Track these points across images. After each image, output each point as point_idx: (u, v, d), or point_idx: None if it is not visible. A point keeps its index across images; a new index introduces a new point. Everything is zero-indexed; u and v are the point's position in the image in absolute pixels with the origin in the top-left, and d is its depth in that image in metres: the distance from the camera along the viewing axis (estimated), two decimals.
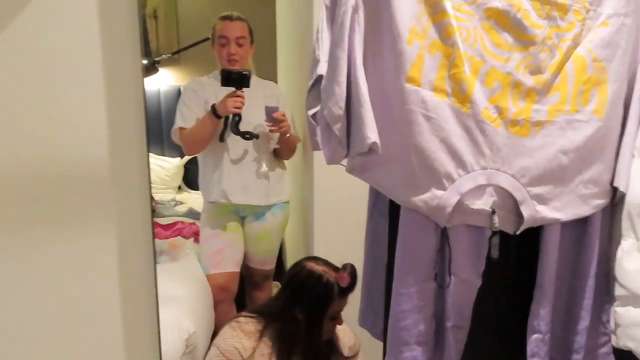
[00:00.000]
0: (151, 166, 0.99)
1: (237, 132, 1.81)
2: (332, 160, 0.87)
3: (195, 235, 2.52)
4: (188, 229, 2.65)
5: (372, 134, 0.80)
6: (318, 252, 1.74)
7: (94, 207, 0.93)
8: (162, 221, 2.68)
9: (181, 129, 1.88)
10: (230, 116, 1.80)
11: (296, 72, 2.39)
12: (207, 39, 2.29)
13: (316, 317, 1.36)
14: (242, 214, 2.02)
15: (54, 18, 0.86)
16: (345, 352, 1.50)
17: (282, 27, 2.89)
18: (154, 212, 2.12)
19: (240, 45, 1.91)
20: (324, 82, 0.85)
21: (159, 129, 3.55)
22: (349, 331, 1.51)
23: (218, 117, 1.80)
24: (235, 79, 1.78)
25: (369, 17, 0.82)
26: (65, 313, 0.95)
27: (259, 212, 1.99)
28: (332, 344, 1.47)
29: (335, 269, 1.36)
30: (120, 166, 0.94)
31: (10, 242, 0.91)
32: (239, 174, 1.91)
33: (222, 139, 1.86)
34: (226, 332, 1.43)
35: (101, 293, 0.97)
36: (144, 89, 0.92)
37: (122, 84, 0.90)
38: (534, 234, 0.93)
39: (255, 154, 1.92)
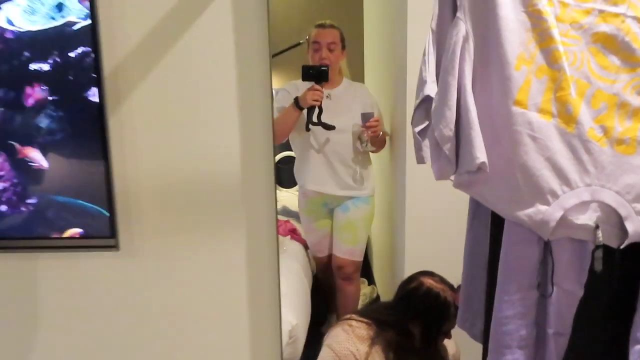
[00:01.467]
0: None
1: (317, 123, 2.00)
2: (441, 176, 0.95)
3: (291, 233, 2.68)
4: (284, 226, 2.81)
5: (481, 155, 0.87)
6: (409, 255, 1.83)
7: (228, 214, 1.08)
8: None
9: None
10: (316, 109, 1.98)
11: (384, 73, 2.48)
12: (299, 44, 2.47)
13: (431, 333, 1.43)
14: (330, 207, 2.22)
15: (196, 47, 1.00)
16: (450, 359, 1.56)
17: (369, 33, 2.97)
18: None
19: (331, 50, 2.10)
20: (435, 105, 0.93)
21: None
22: (452, 340, 1.56)
23: (300, 108, 1.99)
24: (314, 74, 1.96)
25: (478, 45, 0.89)
26: (203, 303, 1.11)
27: (344, 204, 2.18)
28: (439, 354, 1.53)
29: (450, 287, 1.43)
30: (249, 172, 1.07)
31: (156, 245, 1.08)
32: (325, 166, 2.12)
33: (307, 128, 2.05)
34: (340, 334, 1.48)
35: (232, 288, 1.12)
36: (272, 110, 1.05)
37: (252, 91, 1.04)
38: (639, 248, 0.96)
39: (342, 147, 2.11)
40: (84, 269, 1.06)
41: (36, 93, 0.90)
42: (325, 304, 2.39)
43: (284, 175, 3.09)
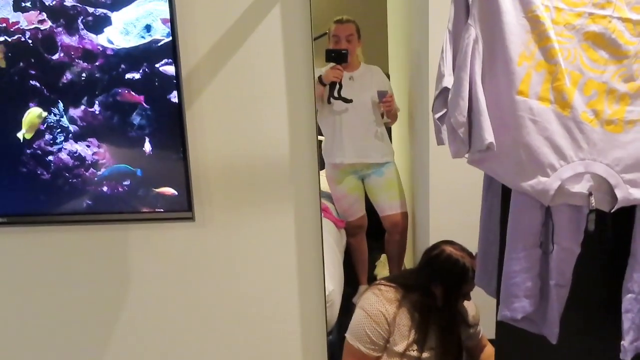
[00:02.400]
0: None
1: (338, 97, 2.30)
2: (457, 155, 1.14)
3: (323, 212, 2.89)
4: None
5: (489, 136, 1.06)
6: (433, 225, 2.00)
7: (279, 191, 1.29)
8: None
9: None
10: (337, 85, 2.29)
11: (406, 59, 2.70)
12: (325, 33, 2.76)
13: (452, 294, 1.57)
14: (360, 174, 2.49)
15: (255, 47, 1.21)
16: (470, 320, 1.73)
17: (392, 24, 3.14)
18: None
19: (349, 42, 2.41)
20: (450, 96, 1.11)
21: None
22: (472, 302, 1.73)
23: (323, 84, 2.29)
24: (335, 56, 2.29)
25: (486, 46, 1.06)
26: (260, 266, 1.34)
27: (377, 169, 2.48)
28: (460, 314, 1.67)
29: (469, 254, 1.58)
30: (296, 155, 1.28)
31: (223, 217, 1.31)
32: (354, 139, 2.41)
33: (329, 101, 2.34)
34: (370, 297, 1.64)
35: (282, 254, 1.34)
36: (314, 103, 1.25)
37: (297, 84, 1.24)
38: (630, 211, 1.13)
39: (365, 121, 2.42)
40: (167, 237, 1.31)
41: (130, 97, 1.14)
42: (356, 274, 2.63)
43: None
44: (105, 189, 1.21)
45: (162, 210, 1.21)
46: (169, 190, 1.20)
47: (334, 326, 2.05)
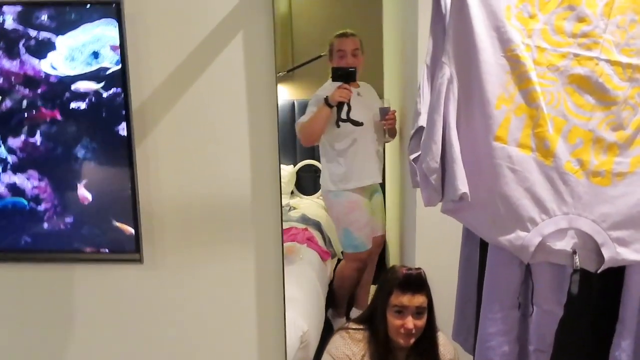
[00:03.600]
0: None
1: (346, 119, 2.17)
2: (429, 203, 1.04)
3: (308, 241, 2.79)
4: (301, 234, 2.92)
5: (462, 186, 0.96)
6: (419, 262, 1.90)
7: (238, 228, 1.19)
8: None
9: (303, 122, 2.30)
10: (345, 107, 2.18)
11: (399, 75, 2.58)
12: (320, 56, 2.66)
13: (380, 306, 1.50)
14: (370, 193, 2.51)
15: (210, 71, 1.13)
16: None
17: (387, 38, 3.08)
18: None
19: (355, 56, 2.35)
20: (423, 139, 1.02)
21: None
22: (449, 344, 1.63)
23: (330, 106, 2.18)
24: (342, 75, 2.16)
25: (461, 87, 0.98)
26: (215, 311, 1.23)
27: (377, 189, 2.54)
28: (432, 355, 1.60)
29: (415, 269, 1.51)
30: (258, 192, 1.19)
31: (176, 259, 1.21)
32: (366, 159, 2.39)
33: (337, 125, 2.26)
34: (337, 340, 1.60)
35: (241, 298, 1.24)
36: (278, 142, 1.17)
37: (261, 119, 1.15)
38: (619, 272, 1.02)
39: (372, 141, 2.37)
40: (113, 279, 1.20)
41: (74, 127, 1.04)
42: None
43: (305, 183, 3.22)
44: (45, 225, 1.11)
45: (107, 250, 1.11)
46: (116, 230, 1.10)
47: None
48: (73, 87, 1.03)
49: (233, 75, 1.09)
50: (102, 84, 1.03)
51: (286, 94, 4.02)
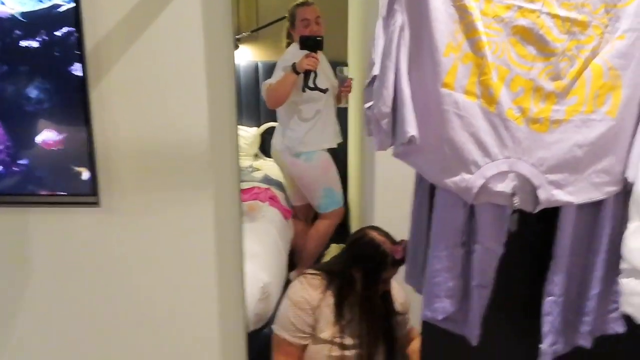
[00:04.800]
0: None
1: (313, 87, 2.31)
2: (381, 147, 1.09)
3: (270, 200, 2.83)
4: (264, 193, 2.97)
5: (411, 129, 1.01)
6: (378, 220, 1.98)
7: (196, 175, 1.21)
8: (241, 186, 3.04)
9: (270, 85, 2.39)
10: (312, 74, 2.30)
11: (363, 46, 2.63)
12: (284, 17, 2.69)
13: (370, 279, 1.59)
14: None
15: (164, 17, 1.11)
16: (398, 306, 1.73)
17: (352, 8, 3.09)
18: None
19: (318, 24, 2.47)
20: (375, 85, 1.06)
21: (238, 100, 3.94)
22: (400, 289, 1.73)
23: (297, 73, 2.30)
24: (311, 44, 2.28)
25: (412, 34, 1.01)
26: (174, 256, 1.26)
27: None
28: (386, 299, 1.69)
29: (392, 241, 1.58)
30: (216, 141, 1.21)
31: (134, 202, 1.22)
32: (329, 123, 2.55)
33: (303, 90, 2.38)
34: (295, 285, 1.68)
35: (200, 243, 1.26)
36: (234, 84, 1.18)
37: (218, 68, 1.16)
38: (553, 213, 1.10)
39: (332, 105, 2.57)
40: (70, 224, 1.20)
41: (26, 67, 1.03)
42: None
43: (269, 145, 3.26)
44: None
45: (64, 193, 1.11)
46: (72, 173, 1.10)
47: (269, 319, 2.01)
48: (24, 24, 1.01)
49: (191, 10, 1.09)
50: (54, 22, 1.01)
51: (250, 55, 3.97)
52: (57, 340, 1.32)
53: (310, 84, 2.33)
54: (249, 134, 3.82)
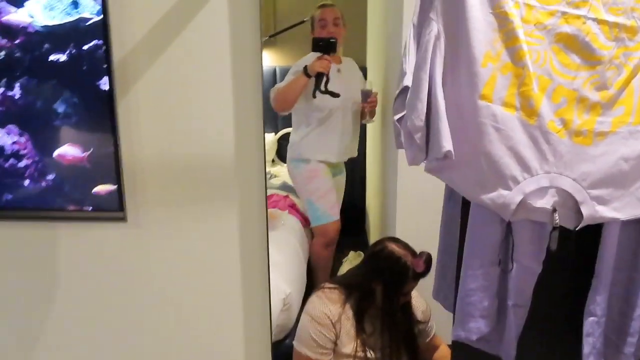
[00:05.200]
0: None
1: (324, 91, 2.16)
2: (413, 162, 1.05)
3: (290, 208, 2.79)
4: (283, 201, 2.93)
5: (447, 143, 0.96)
6: (399, 230, 1.94)
7: (223, 188, 1.19)
8: None
9: (279, 88, 2.28)
10: (324, 78, 2.13)
11: (381, 53, 2.58)
12: (303, 21, 2.62)
13: (392, 293, 1.54)
14: (334, 172, 2.46)
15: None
16: (419, 315, 1.68)
17: (372, 12, 3.04)
18: None
19: (336, 25, 2.30)
20: (408, 97, 1.02)
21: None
22: (421, 297, 1.68)
23: (308, 76, 2.14)
24: (323, 45, 2.11)
25: (448, 43, 0.97)
26: (199, 269, 1.23)
27: (341, 170, 2.50)
28: (407, 310, 1.65)
29: (413, 253, 1.53)
30: (242, 155, 1.18)
31: (160, 217, 1.20)
32: (339, 135, 2.33)
33: (314, 95, 2.21)
34: (314, 300, 1.62)
35: (225, 256, 1.24)
36: (261, 99, 1.15)
37: (245, 82, 1.13)
38: (596, 229, 1.05)
39: (348, 119, 2.33)
40: (97, 238, 1.19)
41: (54, 81, 1.01)
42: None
43: (285, 151, 3.22)
44: (27, 182, 1.09)
45: (90, 209, 1.09)
46: (99, 188, 1.09)
47: (291, 330, 1.97)
48: (52, 37, 0.99)
49: (218, 24, 1.06)
50: (82, 35, 1.00)
51: (268, 60, 3.95)
52: (84, 354, 1.31)
53: (322, 88, 2.15)
54: (266, 140, 3.78)
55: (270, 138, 3.83)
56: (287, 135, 2.91)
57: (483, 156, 0.98)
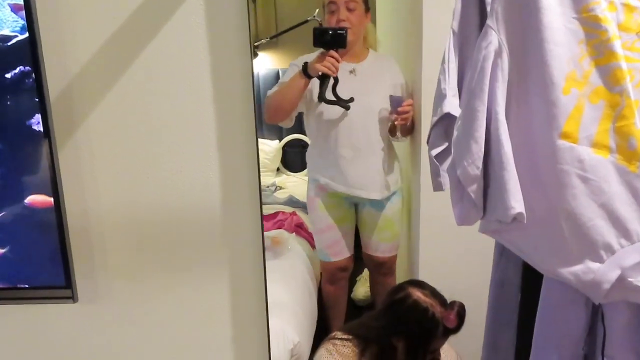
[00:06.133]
0: None
1: (331, 101, 1.61)
2: (463, 222, 0.78)
3: (297, 228, 2.52)
4: (289, 220, 2.65)
5: (517, 204, 0.70)
6: (423, 269, 1.67)
7: (206, 249, 0.92)
8: (263, 211, 2.73)
9: (269, 94, 1.75)
10: (330, 80, 1.58)
11: (398, 43, 2.16)
12: (307, 21, 2.25)
13: (416, 350, 1.29)
14: (353, 201, 1.87)
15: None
16: None
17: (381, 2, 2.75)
18: None
19: (350, 10, 1.66)
20: (457, 135, 0.75)
21: (258, 112, 3.69)
22: (451, 349, 1.43)
23: (308, 76, 1.60)
24: (328, 37, 1.54)
25: (514, 62, 0.70)
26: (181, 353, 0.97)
27: (375, 201, 1.81)
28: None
29: (442, 302, 1.27)
30: (230, 204, 0.91)
31: (121, 292, 0.92)
32: (349, 160, 1.73)
33: (319, 101, 1.66)
34: (323, 354, 1.39)
35: (214, 336, 0.97)
36: (256, 135, 0.88)
37: (232, 121, 0.87)
38: None
39: (369, 135, 1.72)
40: (40, 324, 0.92)
41: None
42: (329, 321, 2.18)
43: (292, 158, 2.91)
44: None
45: (26, 286, 0.82)
46: (39, 258, 0.81)
47: None
48: None
49: (196, 33, 0.78)
50: (2, 61, 0.72)
51: (270, 62, 3.74)
52: None
53: (328, 95, 1.58)
54: (270, 148, 3.56)
55: (275, 145, 3.59)
56: (293, 141, 2.53)
57: (564, 216, 0.72)
